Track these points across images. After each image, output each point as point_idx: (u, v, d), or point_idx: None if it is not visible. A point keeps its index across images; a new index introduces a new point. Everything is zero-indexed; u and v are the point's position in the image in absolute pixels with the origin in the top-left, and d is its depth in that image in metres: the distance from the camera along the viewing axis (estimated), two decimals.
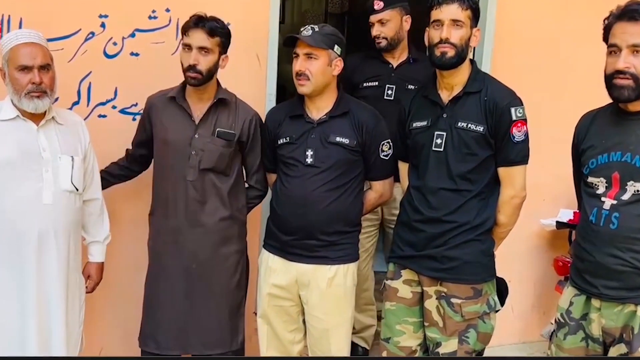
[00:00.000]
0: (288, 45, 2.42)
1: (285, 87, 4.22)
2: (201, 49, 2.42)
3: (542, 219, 3.53)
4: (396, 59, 3.10)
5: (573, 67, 3.45)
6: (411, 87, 2.97)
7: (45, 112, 2.29)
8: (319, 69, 2.37)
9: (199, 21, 2.43)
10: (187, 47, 2.44)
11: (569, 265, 3.27)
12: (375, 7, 2.99)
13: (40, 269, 2.25)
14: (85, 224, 2.49)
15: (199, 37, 2.42)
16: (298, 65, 2.38)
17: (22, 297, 2.23)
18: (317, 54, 2.37)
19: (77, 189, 2.34)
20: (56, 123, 2.34)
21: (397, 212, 3.07)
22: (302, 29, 2.38)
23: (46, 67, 2.24)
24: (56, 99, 2.41)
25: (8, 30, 2.64)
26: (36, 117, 2.28)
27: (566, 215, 3.45)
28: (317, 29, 2.37)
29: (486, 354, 3.38)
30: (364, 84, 3.07)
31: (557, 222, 3.42)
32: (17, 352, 2.23)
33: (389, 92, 3.04)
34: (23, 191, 2.23)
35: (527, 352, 3.70)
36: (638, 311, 1.96)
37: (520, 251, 3.63)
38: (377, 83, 3.07)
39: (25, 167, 2.24)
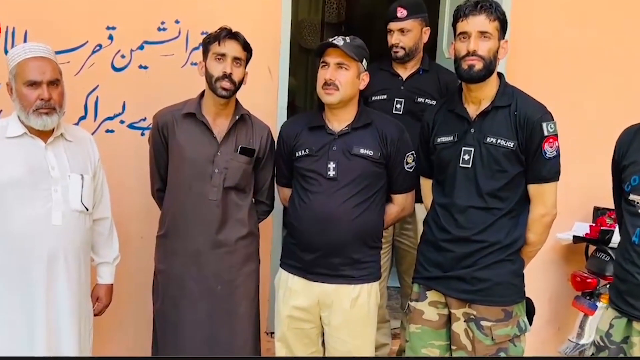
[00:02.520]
0: (317, 54, 2.38)
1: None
2: (236, 59, 2.41)
3: (558, 233, 3.47)
4: (407, 70, 3.04)
5: (590, 77, 3.42)
6: (420, 100, 2.93)
7: (54, 128, 2.21)
8: (349, 79, 2.33)
9: (233, 33, 2.41)
10: (221, 56, 2.40)
11: (587, 280, 3.22)
12: (399, 14, 2.92)
13: (50, 293, 2.17)
14: (95, 244, 2.41)
15: (234, 48, 2.40)
16: (328, 74, 2.32)
17: (31, 323, 2.15)
18: (348, 64, 2.32)
19: (87, 209, 2.26)
20: (65, 140, 2.27)
21: (408, 226, 3.05)
22: (331, 39, 2.34)
23: (55, 83, 2.17)
24: None
25: (13, 43, 2.61)
26: (44, 134, 2.21)
27: (582, 229, 3.39)
28: (348, 40, 2.33)
29: None
30: (373, 97, 3.00)
31: (574, 236, 3.36)
32: None
33: (398, 105, 2.99)
34: (31, 211, 2.15)
35: None
36: None
37: (535, 266, 3.51)
38: (385, 96, 3.01)
39: (34, 187, 2.16)
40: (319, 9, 6.84)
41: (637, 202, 2.02)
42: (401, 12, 2.94)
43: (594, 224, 3.34)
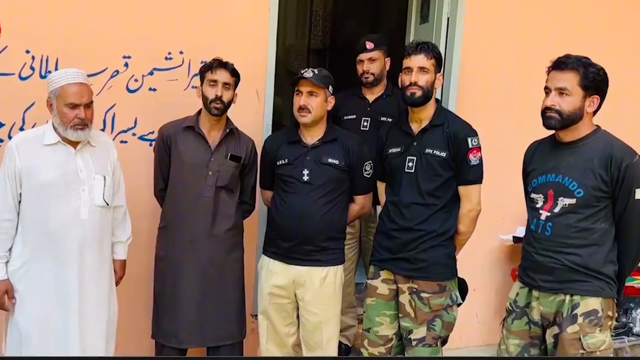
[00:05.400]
0: (292, 84, 2.85)
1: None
2: (225, 84, 2.88)
3: (501, 235, 4.01)
4: (374, 95, 3.55)
5: (527, 103, 3.86)
6: (384, 119, 3.38)
7: None
8: (319, 104, 2.82)
9: (223, 63, 2.89)
10: (214, 82, 2.86)
11: None
12: (368, 46, 3.46)
13: (81, 274, 2.61)
14: (112, 228, 2.83)
15: (224, 75, 2.88)
16: (302, 100, 2.80)
17: (66, 294, 2.61)
18: (317, 92, 2.80)
19: (107, 204, 2.70)
20: (90, 146, 2.67)
21: (372, 225, 3.49)
22: (302, 71, 2.82)
23: (89, 104, 2.61)
24: None
25: (47, 68, 3.06)
26: (74, 142, 2.62)
27: (523, 231, 3.90)
28: (316, 72, 2.81)
29: (454, 356, 3.86)
30: (345, 117, 3.51)
31: (514, 237, 3.89)
32: (62, 342, 2.61)
33: (365, 123, 3.49)
34: (65, 208, 2.57)
35: (490, 354, 4.13)
36: (567, 299, 2.44)
37: (484, 264, 4.09)
38: (354, 116, 3.51)
39: (66, 187, 2.57)
40: (306, 36, 7.19)
41: (535, 199, 2.54)
42: (369, 45, 3.48)
43: None
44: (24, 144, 2.61)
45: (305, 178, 2.83)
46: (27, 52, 3.03)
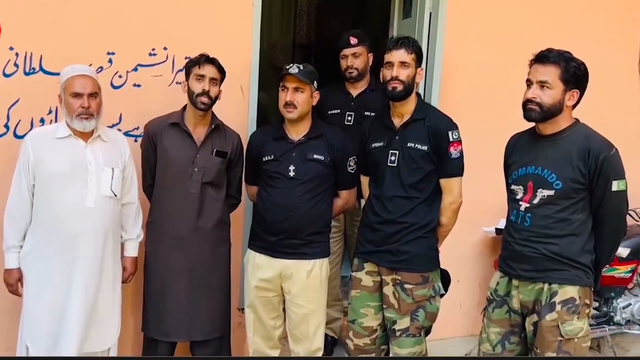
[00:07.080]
0: (280, 79, 2.88)
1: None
2: (212, 79, 2.89)
3: (484, 227, 4.07)
4: (357, 90, 3.60)
5: (509, 97, 3.91)
6: (367, 113, 3.41)
7: (93, 131, 2.72)
8: (305, 100, 2.85)
9: (210, 58, 2.91)
10: (201, 77, 2.87)
11: None
12: (352, 42, 3.51)
13: (85, 257, 2.69)
14: (123, 224, 2.90)
15: (211, 71, 2.90)
16: (288, 96, 2.83)
17: (70, 278, 2.68)
18: (303, 88, 2.83)
19: (115, 195, 2.76)
20: (101, 140, 2.76)
21: (357, 219, 3.55)
22: (288, 67, 2.85)
23: (94, 95, 2.68)
24: None
25: (31, 65, 3.07)
26: (85, 135, 2.71)
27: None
28: (302, 67, 2.84)
29: (438, 346, 3.91)
30: (329, 112, 3.55)
31: (496, 228, 3.95)
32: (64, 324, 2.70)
33: (349, 118, 3.54)
34: (71, 196, 2.65)
35: (474, 344, 4.21)
36: (545, 288, 2.50)
37: (467, 256, 4.14)
38: (338, 111, 3.56)
39: (74, 177, 2.66)
40: (290, 31, 7.21)
41: (515, 191, 2.60)
42: (353, 40, 3.54)
43: None
44: (36, 138, 2.73)
45: (291, 174, 2.87)
46: (11, 49, 3.02)
